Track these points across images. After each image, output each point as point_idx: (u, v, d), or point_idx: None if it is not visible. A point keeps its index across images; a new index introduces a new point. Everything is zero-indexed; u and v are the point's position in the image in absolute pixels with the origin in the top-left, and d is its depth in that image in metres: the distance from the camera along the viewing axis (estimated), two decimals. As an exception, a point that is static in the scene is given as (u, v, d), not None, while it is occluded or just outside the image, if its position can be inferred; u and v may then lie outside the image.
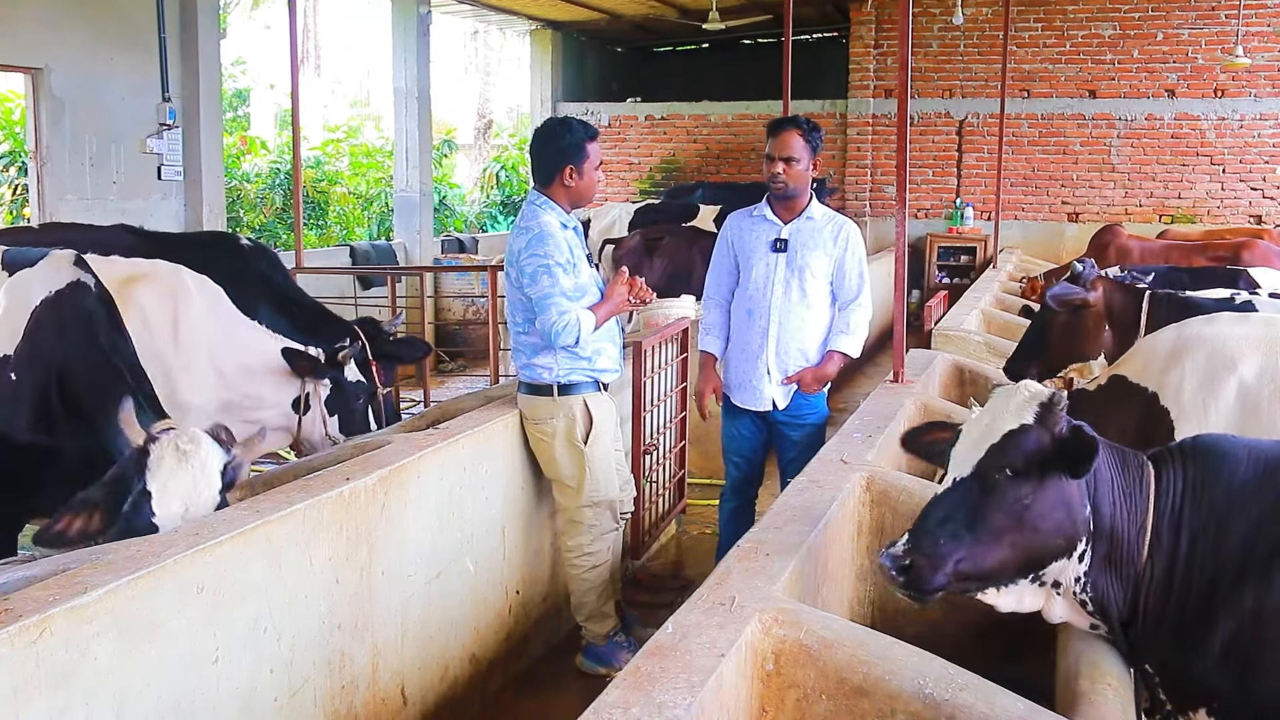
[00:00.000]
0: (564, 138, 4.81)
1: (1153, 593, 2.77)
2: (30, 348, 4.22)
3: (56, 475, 4.18)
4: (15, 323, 4.25)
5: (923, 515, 2.77)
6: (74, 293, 4.37)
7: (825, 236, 5.20)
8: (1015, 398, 2.82)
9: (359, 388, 5.70)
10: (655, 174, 17.89)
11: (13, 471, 4.15)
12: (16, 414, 4.16)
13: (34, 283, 4.35)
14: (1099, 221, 14.37)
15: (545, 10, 16.86)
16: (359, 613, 3.79)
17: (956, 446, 2.82)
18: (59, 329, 4.29)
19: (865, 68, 16.45)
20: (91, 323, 4.38)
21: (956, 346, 6.94)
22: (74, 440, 4.23)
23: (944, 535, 2.70)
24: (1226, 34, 14.49)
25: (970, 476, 2.74)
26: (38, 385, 4.18)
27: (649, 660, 2.47)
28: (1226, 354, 3.95)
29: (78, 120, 9.87)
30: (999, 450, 2.72)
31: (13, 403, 4.16)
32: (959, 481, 2.76)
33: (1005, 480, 2.71)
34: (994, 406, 2.84)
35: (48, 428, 4.18)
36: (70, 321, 4.32)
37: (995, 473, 2.71)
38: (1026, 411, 2.77)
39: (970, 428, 2.83)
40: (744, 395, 5.31)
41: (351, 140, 20.09)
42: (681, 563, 6.53)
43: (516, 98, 24.98)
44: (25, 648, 2.54)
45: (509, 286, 4.86)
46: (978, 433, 2.79)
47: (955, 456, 2.80)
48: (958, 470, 2.77)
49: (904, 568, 2.68)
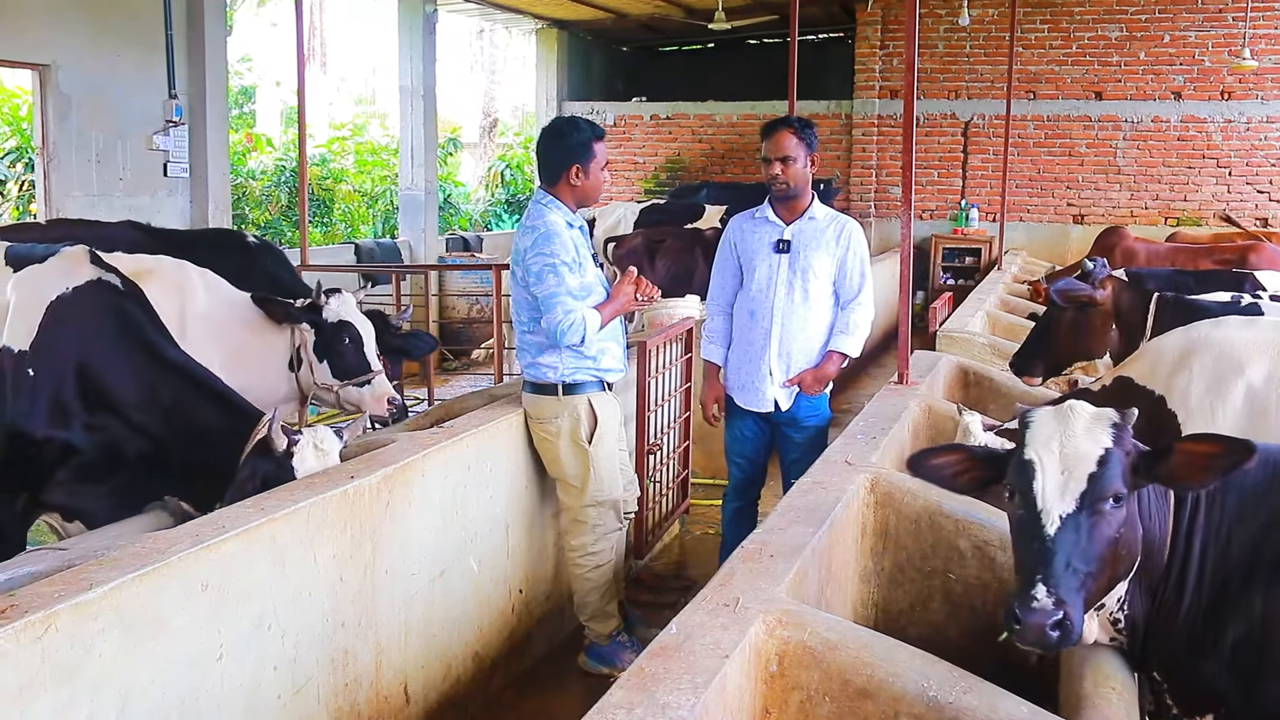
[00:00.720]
0: (571, 137, 4.82)
1: (1168, 601, 2.75)
2: (48, 343, 4.22)
3: (70, 470, 4.21)
4: (30, 319, 4.24)
5: (1047, 561, 2.57)
6: (95, 289, 4.38)
7: (828, 237, 5.20)
8: (1078, 419, 2.71)
9: (343, 328, 5.68)
10: (660, 173, 17.89)
11: (28, 465, 4.18)
12: (35, 409, 4.17)
13: (47, 278, 4.35)
14: (1104, 224, 14.35)
15: (551, 9, 16.86)
16: (363, 611, 3.79)
17: (1042, 480, 2.64)
18: (80, 325, 4.30)
19: (871, 68, 16.45)
20: (122, 319, 4.39)
21: (961, 348, 6.94)
22: (94, 435, 4.25)
23: (1076, 578, 2.56)
24: (1233, 37, 14.47)
25: (1078, 511, 2.60)
26: (55, 381, 4.19)
27: (653, 661, 2.47)
28: (1234, 358, 3.94)
29: (84, 117, 9.90)
30: (1100, 479, 2.61)
31: (30, 398, 4.17)
32: (1068, 518, 2.59)
33: (1111, 509, 2.61)
34: (1053, 430, 2.71)
35: (64, 423, 4.19)
36: (93, 318, 4.33)
37: (1101, 503, 2.60)
38: (1102, 434, 2.67)
39: (1044, 457, 2.67)
40: (746, 396, 5.30)
41: (357, 138, 20.13)
42: (685, 563, 6.53)
43: (522, 96, 24.97)
44: (30, 644, 2.54)
45: (514, 285, 4.86)
46: (1059, 462, 2.65)
47: (1045, 490, 2.63)
48: (1057, 505, 2.61)
49: (1058, 622, 2.49)
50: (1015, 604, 2.54)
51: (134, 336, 4.38)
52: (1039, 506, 2.62)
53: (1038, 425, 2.76)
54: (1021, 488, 2.69)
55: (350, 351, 5.71)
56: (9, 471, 4.16)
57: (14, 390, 4.19)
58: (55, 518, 4.35)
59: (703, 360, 5.52)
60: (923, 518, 3.81)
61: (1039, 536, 2.61)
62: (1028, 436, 2.75)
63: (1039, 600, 2.50)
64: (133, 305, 4.47)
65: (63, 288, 4.33)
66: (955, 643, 3.62)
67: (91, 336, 4.30)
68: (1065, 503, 2.61)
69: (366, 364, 5.76)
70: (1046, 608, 2.48)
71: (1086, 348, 5.92)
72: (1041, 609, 2.48)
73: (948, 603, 3.78)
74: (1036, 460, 2.68)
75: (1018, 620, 2.51)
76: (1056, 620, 2.47)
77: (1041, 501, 2.63)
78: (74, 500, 4.26)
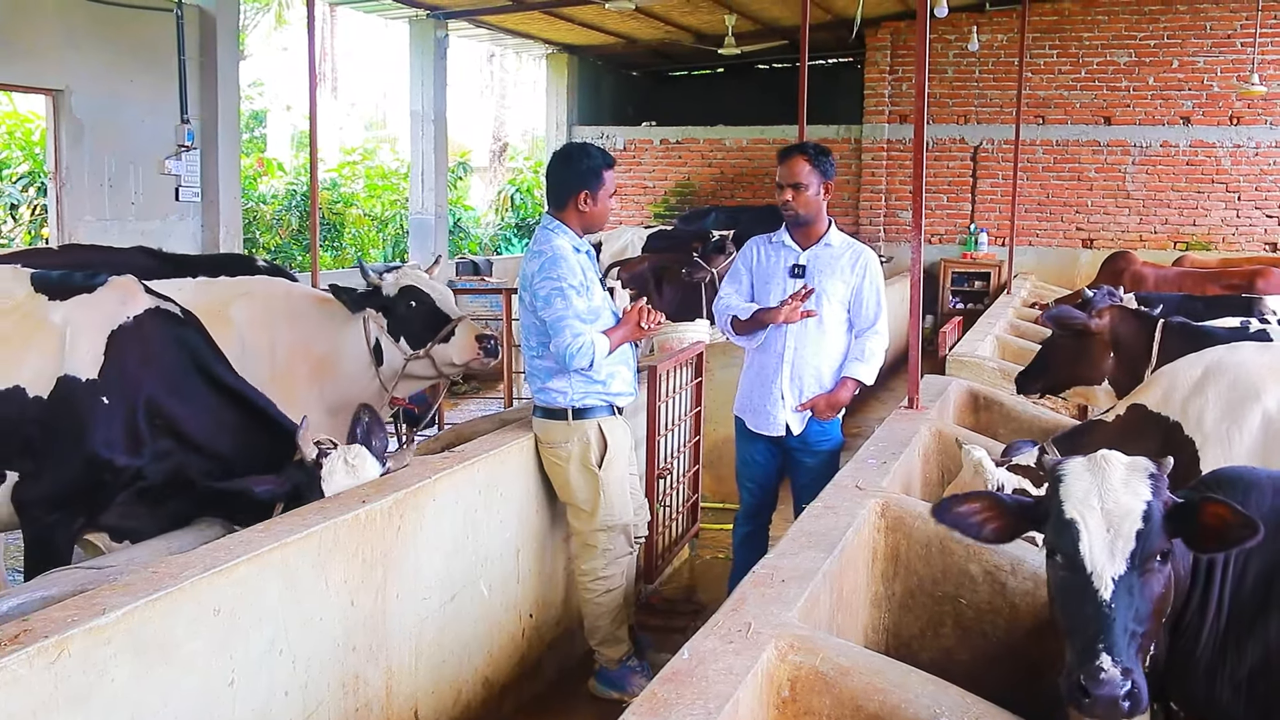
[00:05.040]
0: (581, 163, 4.84)
1: (1188, 633, 2.73)
2: (116, 372, 4.26)
3: (130, 494, 4.25)
4: (94, 347, 4.27)
5: (1106, 629, 2.48)
6: (155, 318, 4.43)
7: (844, 263, 5.20)
8: (1114, 471, 2.65)
9: (406, 294, 5.77)
10: (670, 198, 17.94)
11: (102, 491, 4.23)
12: (114, 437, 4.21)
13: (105, 307, 4.38)
14: (1113, 248, 14.37)
15: (562, 35, 16.96)
16: (373, 636, 3.79)
17: (1088, 541, 2.57)
18: (145, 354, 4.34)
19: (880, 93, 16.50)
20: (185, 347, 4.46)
21: (971, 372, 6.94)
22: (159, 462, 4.30)
23: (1135, 642, 2.51)
24: (1242, 62, 14.52)
25: (1129, 571, 2.54)
26: (128, 409, 4.23)
27: (665, 686, 2.47)
28: (1251, 384, 3.93)
29: (97, 141, 9.97)
30: (1148, 537, 2.56)
31: (107, 425, 4.21)
32: (1120, 580, 2.53)
33: (1159, 566, 2.57)
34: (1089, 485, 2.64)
35: (139, 451, 4.25)
36: (157, 346, 4.38)
37: (1151, 561, 2.56)
38: (1141, 486, 2.62)
39: (1086, 516, 2.60)
40: (759, 421, 5.30)
41: (367, 162, 20.22)
42: (694, 587, 6.52)
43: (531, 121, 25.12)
44: (44, 668, 2.55)
45: (523, 310, 4.87)
46: (1102, 520, 2.58)
47: (1093, 552, 2.56)
48: (1109, 567, 2.54)
49: (1130, 693, 2.42)
50: (1080, 676, 2.45)
51: (196, 364, 4.44)
52: (1088, 569, 2.56)
53: (1071, 479, 2.68)
54: (1066, 549, 2.61)
55: (421, 314, 5.76)
56: (79, 497, 4.19)
57: (91, 418, 4.21)
58: (102, 537, 4.38)
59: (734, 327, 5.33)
60: (933, 542, 3.80)
61: (1093, 601, 2.53)
62: (1063, 492, 2.67)
63: (1106, 671, 2.42)
64: (192, 333, 4.52)
65: (123, 317, 4.35)
66: (966, 667, 3.61)
67: (156, 365, 4.34)
68: (1116, 564, 2.54)
69: (444, 316, 5.80)
70: (1115, 679, 2.42)
71: (1084, 374, 5.97)
72: (1111, 680, 2.41)
73: (959, 628, 3.77)
74: (1079, 519, 2.60)
75: (1085, 694, 2.43)
76: (1127, 691, 2.41)
77: (1090, 564, 2.56)
78: (126, 521, 4.31)
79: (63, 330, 4.30)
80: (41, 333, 4.33)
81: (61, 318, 4.34)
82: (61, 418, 4.22)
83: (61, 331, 4.30)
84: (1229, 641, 2.69)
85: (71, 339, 4.29)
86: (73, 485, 4.18)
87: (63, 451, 4.21)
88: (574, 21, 15.78)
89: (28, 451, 4.22)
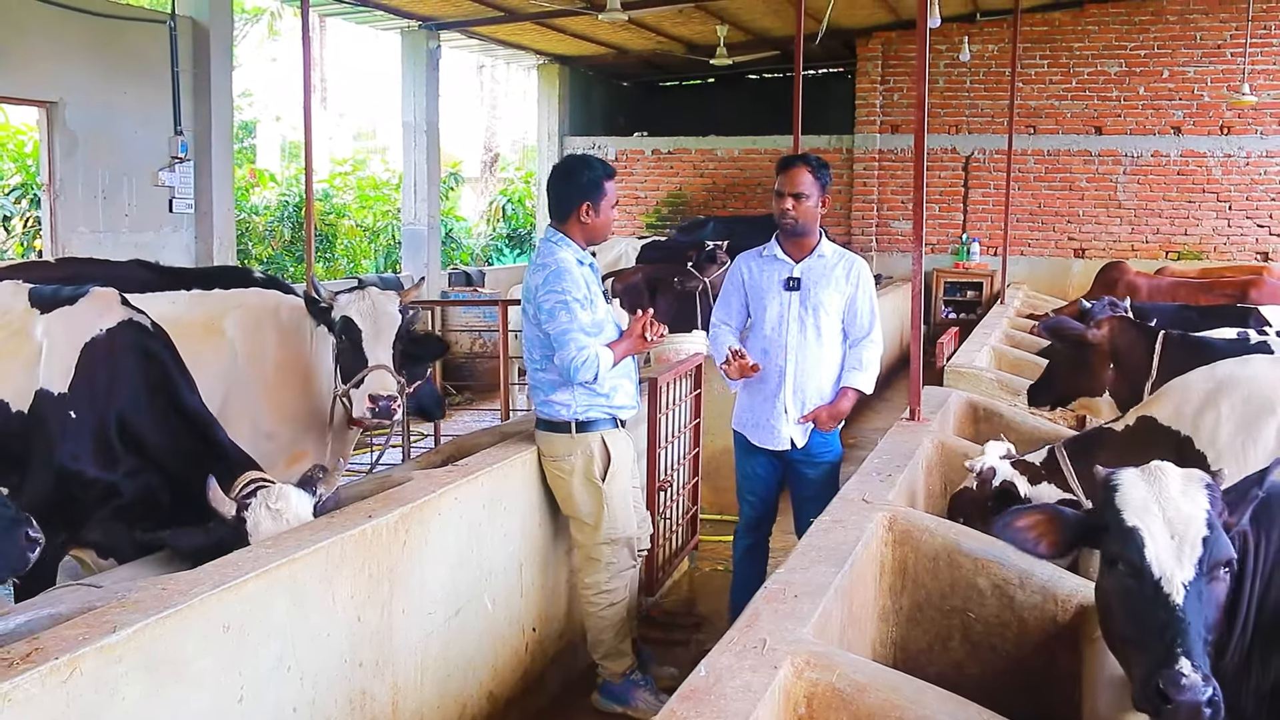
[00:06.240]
0: (582, 175, 4.83)
1: (1216, 643, 2.68)
2: (86, 385, 4.23)
3: (108, 510, 4.21)
4: (66, 360, 4.25)
5: (1182, 634, 2.45)
6: (126, 331, 4.39)
7: (838, 274, 5.21)
8: (1171, 481, 2.65)
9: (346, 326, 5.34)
10: (662, 208, 17.96)
11: (74, 506, 4.20)
12: (82, 451, 4.18)
13: (80, 320, 4.36)
14: (1105, 257, 14.44)
15: (553, 45, 16.97)
16: (380, 651, 3.77)
17: (1154, 547, 2.56)
18: (114, 367, 4.30)
19: (871, 103, 16.56)
20: (151, 361, 4.40)
21: (969, 384, 6.94)
22: (131, 478, 4.26)
23: (1208, 648, 2.50)
24: (1233, 72, 14.58)
25: (1198, 577, 2.52)
26: (97, 423, 4.21)
27: (684, 704, 2.45)
28: (1266, 397, 3.91)
29: (90, 153, 9.94)
30: (1214, 543, 2.55)
31: (76, 439, 4.18)
32: (1190, 585, 2.51)
33: (1223, 574, 2.57)
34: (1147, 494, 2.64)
35: (110, 465, 4.22)
36: (126, 360, 4.34)
37: (1219, 568, 2.55)
38: (1199, 494, 2.61)
39: (1149, 523, 2.59)
40: (761, 435, 5.29)
41: (358, 173, 20.20)
42: (694, 600, 6.51)
43: (523, 131, 25.12)
44: (56, 688, 2.52)
45: (526, 323, 4.86)
46: (1165, 527, 2.57)
47: (1160, 558, 2.54)
48: (1178, 573, 2.52)
49: (1211, 699, 2.36)
50: (1160, 682, 2.39)
51: (159, 380, 4.39)
52: (1157, 575, 2.54)
53: (1127, 489, 2.68)
54: (1130, 556, 2.59)
55: (347, 351, 5.38)
56: (55, 511, 4.16)
57: (60, 433, 4.19)
58: (89, 554, 4.35)
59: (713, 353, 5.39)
60: (941, 556, 3.80)
61: (1166, 607, 2.50)
62: (1119, 501, 2.66)
63: (1189, 677, 2.37)
64: (159, 347, 4.47)
65: (96, 329, 4.33)
66: (976, 681, 3.60)
67: (124, 379, 4.31)
68: (1185, 570, 2.52)
69: (363, 360, 5.32)
70: (1197, 684, 2.36)
71: (1085, 385, 5.97)
72: (1193, 686, 2.36)
73: (967, 642, 3.77)
74: (1142, 527, 2.59)
75: (1166, 699, 2.37)
76: (1209, 697, 2.36)
77: (1159, 569, 2.54)
78: (109, 539, 4.27)
79: (41, 343, 4.31)
80: (26, 347, 4.35)
81: (42, 330, 4.34)
82: (35, 431, 4.23)
83: (40, 345, 4.31)
84: (1254, 654, 2.68)
85: (48, 352, 4.29)
86: (45, 499, 4.12)
87: (35, 465, 4.21)
88: (566, 32, 15.80)
89: (14, 466, 4.22)
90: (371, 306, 5.39)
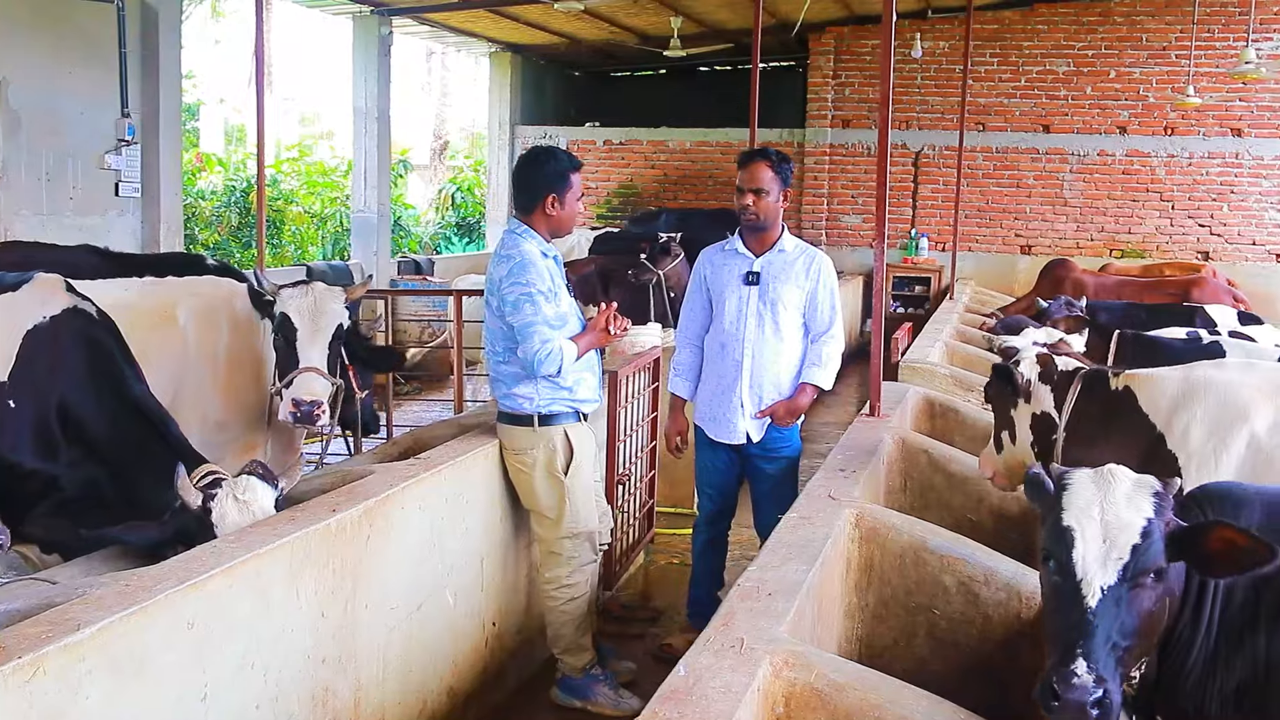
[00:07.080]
0: (548, 166, 4.80)
1: (1179, 651, 2.74)
2: (27, 374, 4.11)
3: (50, 503, 4.11)
4: (6, 348, 4.13)
5: (1087, 635, 2.47)
6: (71, 318, 4.28)
7: (798, 269, 5.21)
8: (1119, 485, 2.65)
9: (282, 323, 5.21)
10: (613, 199, 17.91)
11: (12, 498, 4.08)
12: (20, 441, 4.07)
13: (23, 306, 4.25)
14: (1051, 254, 14.58)
15: (506, 33, 16.85)
16: (343, 647, 3.73)
17: (1082, 549, 2.57)
18: (57, 356, 4.20)
19: (823, 98, 16.58)
20: (96, 350, 4.29)
21: (924, 379, 6.98)
22: (74, 470, 4.15)
23: (1115, 653, 2.48)
24: (1177, 74, 14.78)
25: (1119, 583, 2.52)
26: (39, 412, 4.10)
27: (666, 705, 2.44)
28: (1239, 403, 3.93)
29: (34, 134, 9.71)
30: (1144, 552, 2.54)
31: (15, 430, 4.07)
32: (1109, 590, 2.51)
33: (1151, 583, 2.55)
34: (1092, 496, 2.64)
35: (50, 456, 4.10)
36: (69, 348, 4.23)
37: (1144, 576, 2.53)
38: (1144, 502, 2.61)
39: (1084, 525, 2.60)
40: (718, 429, 5.29)
41: (306, 159, 19.98)
42: (650, 593, 6.50)
43: (472, 119, 24.96)
44: (19, 688, 2.47)
45: (489, 315, 4.81)
46: (1100, 530, 2.58)
47: (1085, 560, 2.55)
48: (1099, 576, 2.53)
49: (1099, 700, 2.39)
50: (1053, 679, 2.43)
51: (104, 369, 4.28)
52: (1078, 576, 2.54)
53: (1075, 489, 2.68)
54: (1059, 555, 2.60)
55: (283, 348, 5.25)
56: None
57: None
58: (33, 549, 4.24)
59: (669, 393, 5.51)
60: (907, 553, 3.82)
61: (1078, 608, 2.52)
62: (1065, 500, 2.67)
63: (1079, 676, 2.40)
64: (105, 335, 4.36)
65: (39, 317, 4.22)
66: (940, 678, 3.61)
67: (67, 368, 4.20)
68: (1107, 574, 2.53)
69: (295, 360, 5.18)
70: (1087, 685, 2.39)
71: None
72: (1082, 686, 2.39)
73: (931, 638, 3.79)
74: (1076, 527, 2.60)
75: (1055, 696, 2.41)
76: (1097, 699, 2.38)
77: (1081, 571, 2.55)
78: (52, 534, 4.15)
79: None
80: None
81: None
82: None
83: None
84: (1218, 656, 2.70)
85: None
86: None
87: None
88: (519, 20, 15.68)
89: None
90: (313, 304, 5.25)
